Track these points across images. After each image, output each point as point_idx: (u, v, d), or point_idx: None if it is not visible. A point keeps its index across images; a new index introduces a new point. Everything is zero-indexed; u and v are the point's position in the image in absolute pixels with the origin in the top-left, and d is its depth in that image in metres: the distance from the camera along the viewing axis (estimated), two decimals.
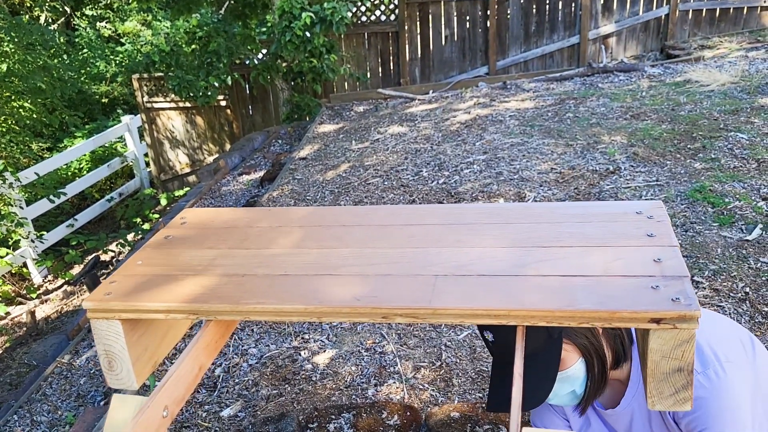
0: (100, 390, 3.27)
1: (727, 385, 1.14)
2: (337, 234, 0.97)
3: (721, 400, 1.13)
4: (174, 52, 7.77)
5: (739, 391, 1.15)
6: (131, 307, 0.84)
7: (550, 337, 1.13)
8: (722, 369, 1.15)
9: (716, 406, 1.13)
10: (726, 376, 1.15)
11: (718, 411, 1.13)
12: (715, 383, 1.14)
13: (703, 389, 1.14)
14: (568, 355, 1.17)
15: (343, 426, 2.26)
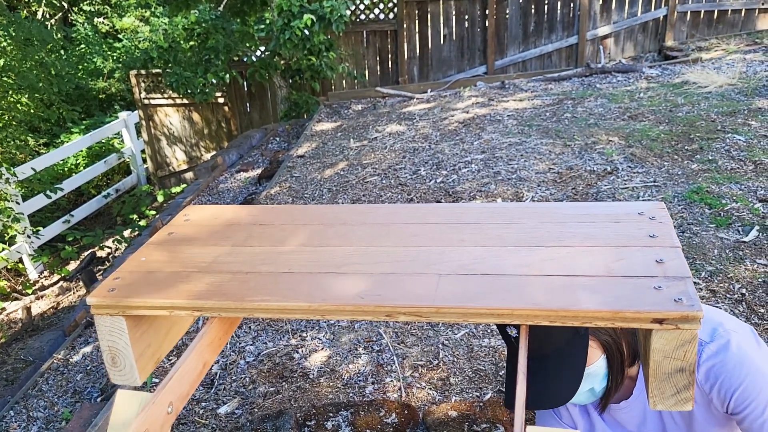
0: (96, 386, 3.26)
1: (737, 345, 1.15)
2: (341, 232, 0.98)
3: (735, 357, 1.14)
4: (172, 49, 7.76)
5: (749, 347, 1.16)
6: (135, 303, 0.85)
7: (577, 333, 1.13)
8: (730, 335, 1.16)
9: (732, 362, 1.14)
10: (733, 339, 1.16)
11: (735, 366, 1.13)
12: (725, 346, 1.15)
13: (716, 355, 1.14)
14: (592, 352, 1.17)
15: (341, 424, 2.26)
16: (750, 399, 1.11)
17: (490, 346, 2.73)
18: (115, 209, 8.13)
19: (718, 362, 1.14)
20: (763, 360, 1.16)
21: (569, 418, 1.41)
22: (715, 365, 1.14)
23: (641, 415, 1.29)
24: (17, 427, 3.11)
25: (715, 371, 1.14)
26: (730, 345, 1.15)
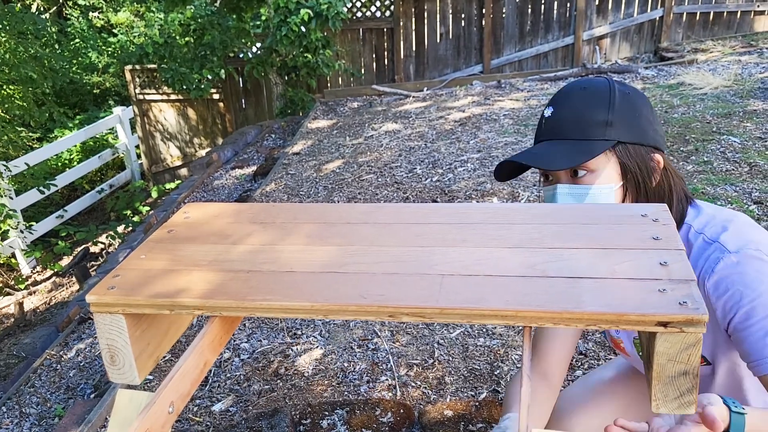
0: (89, 382, 3.25)
1: (761, 265, 1.05)
2: (343, 231, 0.97)
3: (754, 274, 1.04)
4: (168, 44, 7.73)
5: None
6: (136, 301, 0.84)
7: (603, 136, 1.10)
8: (759, 256, 1.05)
9: (749, 279, 1.04)
10: (760, 261, 1.05)
11: (752, 283, 1.04)
12: (748, 262, 1.05)
13: (735, 267, 1.06)
14: (606, 171, 1.11)
15: (337, 422, 2.26)
16: (756, 318, 1.04)
17: (485, 345, 2.73)
18: (108, 205, 8.10)
19: (736, 275, 1.05)
20: None
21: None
22: (730, 277, 1.05)
23: None
24: (9, 423, 3.09)
25: (728, 283, 1.05)
26: (753, 263, 1.05)
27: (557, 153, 1.13)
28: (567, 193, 1.14)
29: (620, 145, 1.12)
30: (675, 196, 1.16)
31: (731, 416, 0.92)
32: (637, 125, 1.13)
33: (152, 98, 8.59)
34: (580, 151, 1.11)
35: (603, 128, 1.11)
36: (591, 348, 2.60)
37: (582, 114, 1.13)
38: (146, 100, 8.61)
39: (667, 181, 1.16)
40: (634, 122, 1.13)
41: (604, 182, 1.12)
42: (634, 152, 1.13)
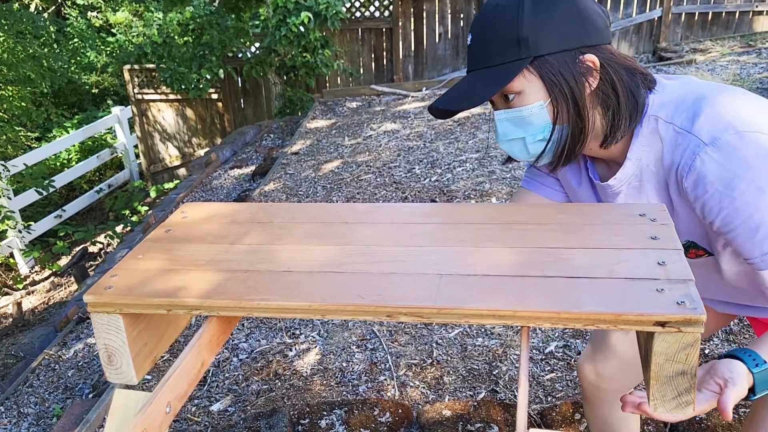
0: (88, 382, 3.24)
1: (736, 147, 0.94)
2: (341, 231, 0.97)
3: (732, 162, 0.94)
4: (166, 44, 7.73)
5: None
6: (133, 301, 0.84)
7: (518, 56, 1.01)
8: (742, 142, 0.94)
9: (727, 171, 0.95)
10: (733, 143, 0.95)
11: (733, 173, 0.95)
12: (721, 152, 0.95)
13: (708, 162, 0.96)
14: (531, 90, 1.03)
15: (335, 422, 2.26)
16: (739, 221, 0.97)
17: (483, 345, 2.73)
18: (107, 204, 8.10)
19: (713, 172, 0.96)
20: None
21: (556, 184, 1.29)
22: (708, 176, 0.96)
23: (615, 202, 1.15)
24: (8, 423, 3.09)
25: (706, 183, 0.97)
26: (732, 154, 0.95)
27: (476, 86, 1.05)
28: (504, 119, 1.07)
29: (537, 60, 1.01)
30: (623, 94, 1.04)
31: (754, 377, 0.90)
32: (554, 31, 1.01)
33: (151, 98, 8.58)
34: (494, 79, 1.03)
35: (515, 47, 1.01)
36: None
37: (492, 36, 1.04)
38: (145, 99, 8.60)
39: (609, 78, 1.04)
40: (550, 29, 1.01)
41: (532, 102, 1.03)
42: (555, 63, 1.01)
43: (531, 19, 1.00)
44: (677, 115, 1.01)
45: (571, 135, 1.05)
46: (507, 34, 1.02)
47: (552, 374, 2.47)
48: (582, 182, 1.22)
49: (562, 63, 1.02)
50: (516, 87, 1.03)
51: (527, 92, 1.03)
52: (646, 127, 1.05)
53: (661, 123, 1.03)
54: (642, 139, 1.05)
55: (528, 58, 1.01)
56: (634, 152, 1.07)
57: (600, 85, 1.04)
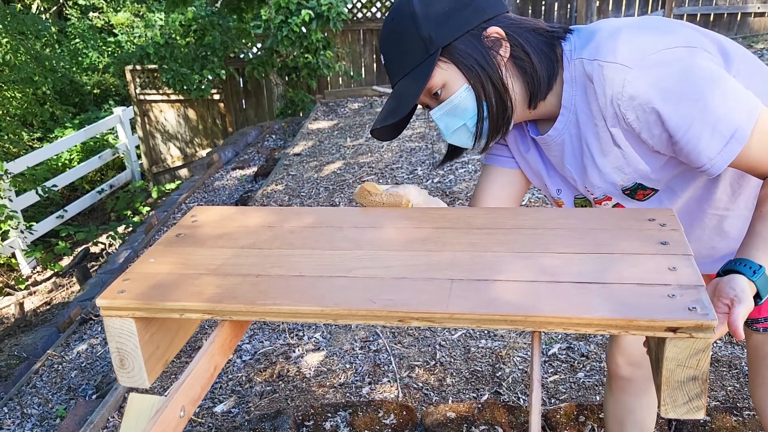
0: (91, 383, 3.25)
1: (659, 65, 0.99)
2: (351, 236, 0.98)
3: (662, 80, 0.99)
4: (168, 45, 7.73)
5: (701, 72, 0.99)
6: (146, 305, 0.84)
7: (427, 52, 1.06)
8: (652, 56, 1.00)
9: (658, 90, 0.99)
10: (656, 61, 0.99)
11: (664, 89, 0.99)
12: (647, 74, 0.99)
13: (637, 86, 0.99)
14: (451, 79, 1.07)
15: (339, 424, 2.26)
16: (681, 133, 1.00)
17: (486, 347, 2.73)
18: (109, 205, 8.10)
19: (644, 95, 1.00)
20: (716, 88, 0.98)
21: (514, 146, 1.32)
22: (640, 97, 1.00)
23: (559, 157, 1.19)
24: (11, 424, 3.09)
25: (642, 105, 1.01)
26: (656, 72, 0.99)
27: (402, 94, 1.10)
28: (441, 115, 1.12)
29: (445, 50, 1.06)
30: (534, 54, 1.09)
31: (756, 284, 0.92)
32: (448, 20, 1.07)
33: (153, 98, 8.59)
34: (415, 81, 1.08)
35: (423, 48, 1.07)
36: (593, 350, 2.60)
37: (400, 48, 1.10)
38: (147, 100, 8.61)
39: (518, 43, 1.08)
40: (445, 19, 1.07)
41: (457, 88, 1.08)
42: (462, 46, 1.07)
43: (425, 19, 1.06)
44: (599, 51, 1.05)
45: (500, 107, 1.10)
46: (411, 40, 1.07)
47: (555, 376, 2.47)
48: (529, 147, 1.26)
49: (468, 44, 1.07)
50: (437, 81, 1.08)
51: (449, 82, 1.08)
52: (573, 71, 1.09)
53: (585, 63, 1.07)
54: (571, 84, 1.10)
55: (437, 52, 1.06)
56: (566, 99, 1.11)
57: (512, 53, 1.08)
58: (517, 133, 1.27)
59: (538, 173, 1.27)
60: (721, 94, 0.98)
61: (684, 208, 1.19)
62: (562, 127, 1.14)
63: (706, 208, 1.17)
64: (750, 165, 1.02)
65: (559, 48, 1.10)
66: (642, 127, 1.03)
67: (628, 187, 1.15)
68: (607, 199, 1.19)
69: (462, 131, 1.13)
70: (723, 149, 0.99)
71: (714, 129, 0.98)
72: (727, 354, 2.50)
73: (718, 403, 2.23)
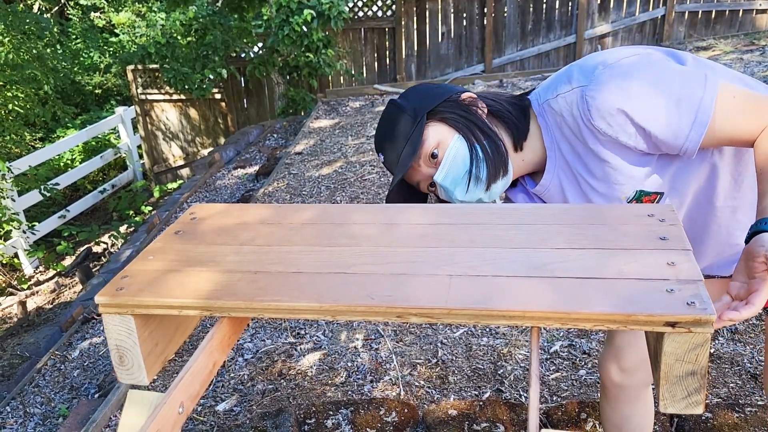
0: (93, 382, 3.26)
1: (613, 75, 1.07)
2: (350, 232, 0.98)
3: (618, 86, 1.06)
4: (169, 44, 7.74)
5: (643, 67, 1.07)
6: (145, 302, 0.84)
7: (414, 120, 1.17)
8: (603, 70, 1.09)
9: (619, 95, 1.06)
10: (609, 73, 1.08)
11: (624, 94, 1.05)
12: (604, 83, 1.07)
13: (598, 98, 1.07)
14: (443, 135, 1.17)
15: (341, 422, 2.26)
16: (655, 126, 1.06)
17: (488, 345, 2.73)
18: (110, 205, 8.11)
19: (608, 103, 1.07)
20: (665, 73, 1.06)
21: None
22: (604, 107, 1.07)
23: (561, 197, 1.27)
24: (14, 423, 3.10)
25: (609, 115, 1.07)
26: (612, 81, 1.07)
27: (402, 160, 1.19)
28: (444, 177, 1.19)
29: (431, 114, 1.19)
30: (508, 105, 1.22)
31: None
32: (426, 97, 1.21)
33: (154, 98, 8.60)
34: (412, 146, 1.17)
35: (411, 119, 1.19)
36: (594, 348, 2.60)
37: (394, 134, 1.21)
38: (148, 100, 8.62)
39: (491, 100, 1.22)
40: (423, 96, 1.22)
41: (451, 141, 1.17)
42: (443, 109, 1.19)
43: (408, 103, 1.21)
44: (558, 88, 1.15)
45: (493, 147, 1.18)
46: (401, 122, 1.20)
47: (557, 374, 2.47)
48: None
49: (449, 106, 1.20)
50: (432, 140, 1.18)
51: (442, 138, 1.17)
52: (545, 115, 1.20)
53: (551, 102, 1.17)
54: (546, 127, 1.20)
55: (423, 116, 1.18)
56: (547, 141, 1.21)
57: (489, 108, 1.21)
58: (524, 195, 1.34)
59: None
60: (676, 77, 1.05)
61: (694, 206, 1.21)
62: (553, 168, 1.23)
63: (716, 201, 1.19)
64: (727, 135, 1.05)
65: (526, 101, 1.23)
66: (617, 131, 1.09)
67: (631, 197, 1.19)
68: None
69: (466, 181, 1.19)
70: (693, 123, 1.03)
71: (679, 107, 1.03)
72: (729, 351, 2.49)
73: (720, 399, 2.22)
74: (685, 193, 1.19)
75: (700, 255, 1.29)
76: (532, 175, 1.30)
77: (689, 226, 1.24)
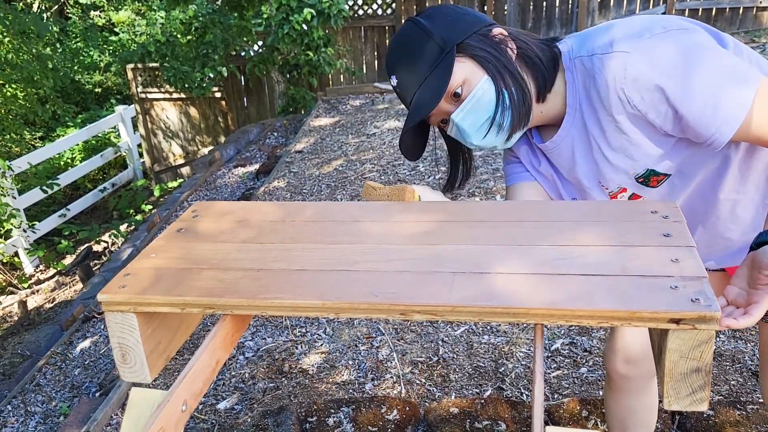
0: (94, 381, 3.25)
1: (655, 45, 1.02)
2: (352, 230, 0.97)
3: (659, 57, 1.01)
4: (169, 43, 7.73)
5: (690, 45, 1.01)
6: (147, 300, 0.84)
7: (442, 51, 1.09)
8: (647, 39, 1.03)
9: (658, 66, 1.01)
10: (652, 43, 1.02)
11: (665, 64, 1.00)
12: (646, 53, 1.02)
13: (638, 67, 1.02)
14: (471, 73, 1.09)
15: (343, 420, 2.26)
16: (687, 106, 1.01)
17: (489, 342, 2.73)
18: (111, 203, 8.11)
19: (646, 74, 1.02)
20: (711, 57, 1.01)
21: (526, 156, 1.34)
22: (642, 78, 1.02)
23: (570, 158, 1.21)
24: (15, 421, 3.10)
25: (646, 86, 1.03)
26: (655, 51, 1.01)
27: (425, 96, 1.11)
28: (464, 116, 1.12)
29: (460, 47, 1.10)
30: (538, 49, 1.14)
31: None
32: (456, 25, 1.12)
33: (154, 97, 8.59)
34: (438, 80, 1.09)
35: (438, 48, 1.10)
36: (596, 345, 2.60)
37: (415, 60, 1.13)
38: (148, 98, 8.61)
39: (522, 41, 1.14)
40: (453, 25, 1.12)
41: (478, 82, 1.10)
42: (474, 43, 1.11)
43: (434, 28, 1.12)
44: (596, 46, 1.08)
45: (520, 95, 1.12)
46: (425, 49, 1.11)
47: (558, 371, 2.47)
48: (540, 161, 1.28)
49: (479, 41, 1.11)
50: (458, 77, 1.09)
51: (470, 76, 1.10)
52: (574, 71, 1.13)
53: (585, 60, 1.10)
54: (573, 84, 1.13)
55: (453, 48, 1.09)
56: (570, 98, 1.14)
57: (518, 49, 1.13)
58: (527, 148, 1.29)
59: (553, 184, 1.29)
60: (720, 66, 1.00)
61: (697, 193, 1.19)
62: (568, 128, 1.16)
63: (719, 193, 1.17)
64: (756, 134, 1.02)
65: (556, 49, 1.15)
66: (648, 107, 1.04)
67: (640, 174, 1.15)
68: (622, 191, 1.20)
69: (486, 127, 1.13)
70: (728, 117, 1.00)
71: (717, 98, 0.99)
72: (731, 348, 2.49)
73: (721, 397, 2.22)
74: (692, 179, 1.16)
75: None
76: (540, 130, 1.25)
77: (687, 214, 1.21)
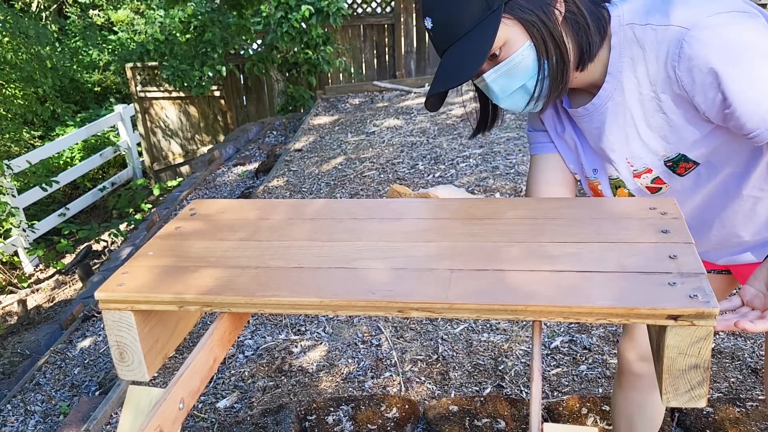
0: (94, 380, 3.25)
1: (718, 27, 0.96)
2: (350, 227, 0.97)
3: (719, 41, 0.95)
4: (168, 42, 7.72)
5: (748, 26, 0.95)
6: (144, 298, 0.84)
7: (489, 8, 1.00)
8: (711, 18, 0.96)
9: (715, 50, 0.95)
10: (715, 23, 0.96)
11: (723, 49, 0.95)
12: (706, 34, 0.96)
13: (695, 46, 0.96)
14: (513, 36, 1.02)
15: (342, 418, 2.26)
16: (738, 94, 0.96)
17: (489, 340, 2.73)
18: (110, 203, 8.11)
19: (702, 56, 0.96)
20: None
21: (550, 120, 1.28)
22: (698, 58, 0.96)
23: (600, 127, 1.15)
24: (15, 420, 3.10)
25: (700, 66, 0.97)
26: (716, 33, 0.95)
27: (462, 58, 1.03)
28: (496, 78, 1.06)
29: (508, 5, 1.01)
30: (587, 12, 1.05)
31: None
32: None
33: (153, 96, 8.58)
34: (480, 39, 1.02)
35: (484, 4, 1.01)
36: (595, 342, 2.60)
37: (459, 8, 1.03)
38: (147, 97, 8.60)
39: (573, 3, 1.05)
40: None
41: (519, 46, 1.02)
42: (523, 2, 1.02)
43: None
44: (651, 16, 1.01)
45: (560, 65, 1.05)
46: (474, 1, 1.01)
47: (558, 369, 2.47)
48: (564, 127, 1.23)
49: (529, 0, 1.02)
50: (500, 38, 1.02)
51: (512, 39, 1.02)
52: (622, 38, 1.05)
53: (637, 29, 1.03)
54: (619, 50, 1.06)
55: (501, 6, 1.00)
56: (612, 65, 1.07)
57: (567, 8, 1.04)
58: (552, 112, 1.23)
59: (574, 151, 1.23)
60: None
61: (722, 186, 1.14)
62: (607, 94, 1.10)
63: (743, 187, 1.13)
64: None
65: (605, 11, 1.07)
66: (697, 89, 0.99)
67: (671, 158, 1.11)
68: (647, 171, 1.15)
69: (518, 93, 1.08)
70: None
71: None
72: (730, 345, 2.49)
73: (721, 394, 2.22)
74: (719, 171, 1.12)
75: (702, 240, 1.24)
76: (570, 93, 1.19)
77: (705, 207, 1.18)
